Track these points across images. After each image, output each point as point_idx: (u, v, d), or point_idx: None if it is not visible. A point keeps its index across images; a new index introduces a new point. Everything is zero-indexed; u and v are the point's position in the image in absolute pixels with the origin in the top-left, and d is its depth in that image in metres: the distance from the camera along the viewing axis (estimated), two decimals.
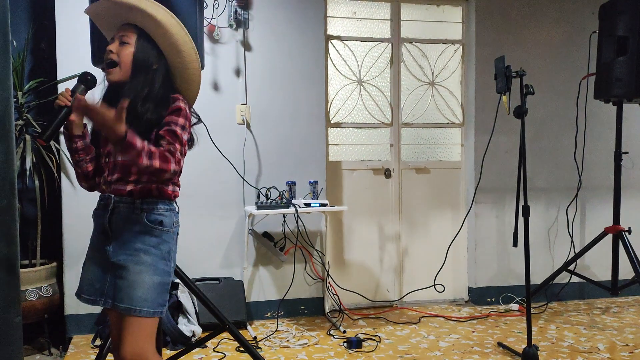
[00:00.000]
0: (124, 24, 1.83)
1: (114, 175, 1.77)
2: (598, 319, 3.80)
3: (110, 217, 1.75)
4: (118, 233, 1.75)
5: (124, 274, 1.70)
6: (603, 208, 4.24)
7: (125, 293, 1.69)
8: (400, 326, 3.64)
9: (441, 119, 4.23)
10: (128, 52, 1.78)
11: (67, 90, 1.77)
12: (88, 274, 1.80)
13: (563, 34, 4.21)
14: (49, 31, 3.47)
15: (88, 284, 1.79)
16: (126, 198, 1.75)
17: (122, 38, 1.79)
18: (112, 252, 1.74)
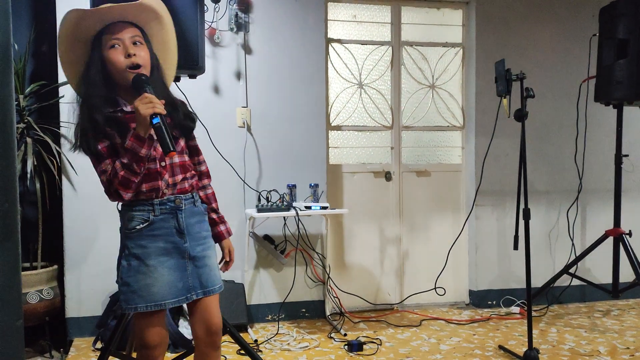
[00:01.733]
0: (118, 24, 1.76)
1: (178, 177, 1.85)
2: (599, 322, 3.80)
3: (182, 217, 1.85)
4: (189, 228, 1.86)
5: (205, 262, 1.88)
6: (604, 211, 4.24)
7: (212, 277, 1.88)
8: (401, 329, 3.64)
9: (442, 121, 4.24)
10: (145, 52, 1.78)
11: (153, 96, 1.68)
12: (163, 279, 1.80)
13: (563, 36, 4.22)
14: (51, 34, 3.48)
15: (167, 288, 1.80)
16: (188, 194, 1.88)
17: (135, 39, 1.77)
18: (190, 247, 1.85)
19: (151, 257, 1.80)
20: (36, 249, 3.32)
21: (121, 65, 1.74)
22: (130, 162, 1.70)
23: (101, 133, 1.73)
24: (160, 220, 1.82)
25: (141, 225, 1.81)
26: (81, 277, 3.49)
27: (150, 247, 1.81)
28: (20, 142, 3.29)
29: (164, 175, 1.81)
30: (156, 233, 1.82)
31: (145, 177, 1.78)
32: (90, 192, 3.48)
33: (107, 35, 1.75)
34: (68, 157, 3.42)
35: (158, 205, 1.81)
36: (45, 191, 3.33)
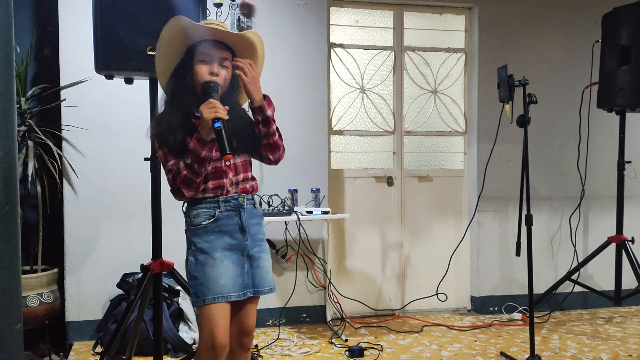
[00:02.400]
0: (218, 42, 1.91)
1: (240, 175, 1.96)
2: (601, 328, 3.78)
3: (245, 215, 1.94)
4: (250, 228, 1.95)
5: (260, 263, 1.96)
6: (606, 217, 4.22)
7: (265, 279, 1.96)
8: (402, 335, 3.62)
9: (444, 127, 4.23)
10: (226, 75, 1.92)
11: (217, 102, 1.81)
12: (228, 273, 1.88)
13: (566, 42, 4.21)
14: (53, 37, 3.48)
15: (231, 282, 1.88)
16: (249, 195, 1.98)
17: (224, 62, 1.92)
18: (250, 246, 1.94)
19: (217, 250, 1.90)
20: (36, 252, 3.32)
21: (203, 78, 1.88)
22: (192, 162, 1.82)
23: (177, 131, 1.86)
24: (225, 217, 1.92)
25: (207, 221, 1.91)
26: (81, 280, 3.48)
27: (216, 242, 1.91)
28: (21, 145, 3.29)
29: (228, 174, 1.93)
30: (222, 229, 1.91)
31: (212, 175, 1.91)
32: (91, 196, 3.48)
33: (201, 48, 1.90)
34: (69, 160, 3.41)
35: (223, 203, 1.92)
36: (46, 194, 3.32)
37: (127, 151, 3.48)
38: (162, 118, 1.91)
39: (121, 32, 2.33)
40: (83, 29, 3.32)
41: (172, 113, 1.90)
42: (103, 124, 3.49)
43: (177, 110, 1.90)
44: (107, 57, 2.34)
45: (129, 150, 3.47)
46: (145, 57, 2.34)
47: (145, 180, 2.57)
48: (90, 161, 3.48)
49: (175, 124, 1.87)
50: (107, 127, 3.50)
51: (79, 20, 3.37)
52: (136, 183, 3.46)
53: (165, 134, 1.87)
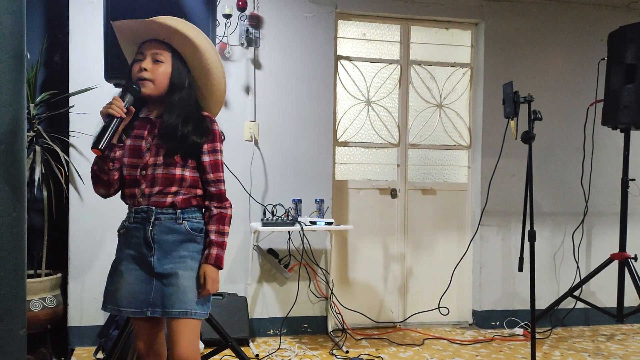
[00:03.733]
0: (153, 41, 1.86)
1: (154, 188, 1.83)
2: (603, 346, 3.77)
3: (151, 229, 1.82)
4: (161, 243, 1.82)
5: (173, 281, 1.79)
6: (609, 234, 4.22)
7: (177, 298, 1.77)
8: (403, 348, 3.62)
9: (448, 141, 4.25)
10: (162, 70, 1.84)
11: (118, 100, 1.78)
12: (127, 287, 1.82)
13: (571, 60, 4.23)
14: (63, 44, 3.52)
15: (129, 297, 1.81)
16: (167, 209, 1.83)
17: (156, 56, 1.84)
18: (157, 263, 1.81)
19: (122, 262, 1.86)
20: (41, 257, 3.33)
21: (134, 76, 1.85)
22: (97, 158, 1.83)
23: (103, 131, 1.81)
24: (133, 228, 1.85)
25: (121, 230, 1.90)
26: (84, 286, 3.49)
27: (124, 253, 1.87)
28: (29, 150, 3.31)
29: (141, 184, 1.84)
30: (129, 240, 1.86)
31: (128, 183, 1.87)
32: (97, 202, 3.49)
33: (139, 49, 1.88)
34: (76, 166, 3.44)
35: (133, 213, 1.86)
36: (52, 199, 3.34)
37: None
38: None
39: None
40: (93, 37, 3.37)
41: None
42: None
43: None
44: (117, 66, 2.37)
45: None
46: None
47: None
48: None
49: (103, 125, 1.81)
50: None
51: (90, 27, 3.41)
52: None
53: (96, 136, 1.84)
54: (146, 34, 1.86)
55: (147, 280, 1.81)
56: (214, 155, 1.89)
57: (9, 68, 1.84)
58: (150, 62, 1.84)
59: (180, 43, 1.85)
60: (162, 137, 1.82)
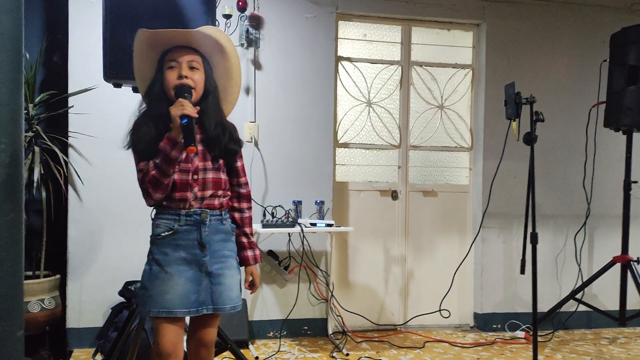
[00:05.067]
0: (183, 48, 1.90)
1: (207, 192, 1.91)
2: (605, 349, 3.74)
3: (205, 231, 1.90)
4: (211, 244, 1.90)
5: (221, 280, 1.90)
6: (611, 237, 4.20)
7: (227, 296, 1.90)
8: (404, 350, 3.59)
9: (449, 142, 4.23)
10: (199, 77, 1.90)
11: (186, 101, 1.81)
12: (178, 288, 1.85)
13: (574, 61, 4.22)
14: (62, 44, 3.51)
15: (182, 297, 1.85)
16: (216, 211, 1.93)
17: (191, 64, 1.89)
18: (208, 263, 1.89)
19: (171, 265, 1.87)
20: (39, 258, 3.32)
21: (172, 83, 1.88)
22: (161, 162, 1.81)
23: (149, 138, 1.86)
24: (184, 230, 1.89)
25: (166, 233, 1.89)
26: (83, 287, 3.47)
27: (171, 256, 1.88)
28: (27, 151, 3.30)
29: (193, 188, 1.90)
30: (179, 243, 1.89)
31: (177, 187, 1.89)
32: (96, 203, 3.48)
33: (168, 56, 1.91)
34: (75, 167, 3.42)
35: (184, 216, 1.89)
36: (51, 200, 3.32)
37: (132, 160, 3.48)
38: (137, 125, 1.92)
39: (130, 41, 2.33)
40: (92, 37, 3.35)
41: (145, 120, 1.90)
42: (109, 132, 3.49)
43: (150, 118, 1.90)
44: (116, 65, 2.34)
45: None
46: None
47: None
48: (96, 168, 3.49)
49: (147, 130, 1.87)
50: (112, 135, 3.50)
51: (89, 28, 3.40)
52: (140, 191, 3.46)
53: (138, 140, 1.88)
54: (175, 41, 1.91)
55: (198, 279, 1.88)
56: (242, 160, 2.05)
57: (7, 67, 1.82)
58: (187, 70, 1.89)
59: (211, 49, 1.93)
60: (207, 144, 1.91)
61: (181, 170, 1.89)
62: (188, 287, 1.86)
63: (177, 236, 1.89)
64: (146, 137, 1.86)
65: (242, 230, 2.03)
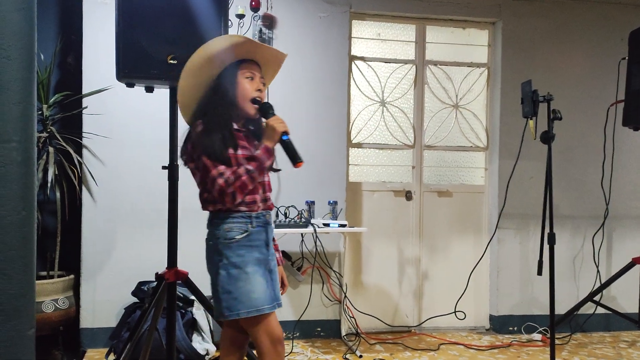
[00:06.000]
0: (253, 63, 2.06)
1: (267, 194, 2.07)
2: (624, 352, 3.67)
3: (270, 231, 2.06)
4: (269, 243, 2.05)
5: (275, 277, 2.05)
6: (631, 238, 4.12)
7: (279, 290, 2.07)
8: (418, 353, 3.55)
9: (465, 142, 4.18)
10: (264, 92, 2.08)
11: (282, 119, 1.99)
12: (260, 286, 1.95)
13: (591, 59, 4.15)
14: (76, 46, 3.52)
15: (265, 294, 1.95)
16: (271, 212, 2.09)
17: (262, 80, 2.07)
18: (270, 261, 2.04)
19: (249, 266, 1.95)
20: (53, 258, 3.33)
21: (249, 94, 2.02)
22: (254, 169, 1.92)
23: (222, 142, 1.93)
24: (256, 232, 1.99)
25: (240, 235, 1.96)
26: (97, 288, 3.48)
27: (247, 256, 1.96)
28: (42, 151, 3.31)
29: (259, 190, 2.01)
30: (252, 244, 1.98)
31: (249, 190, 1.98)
32: (110, 204, 3.49)
33: (245, 65, 2.04)
34: (89, 167, 3.43)
35: (255, 218, 1.99)
36: (65, 200, 3.34)
37: (146, 160, 3.49)
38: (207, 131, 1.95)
39: (143, 40, 2.34)
40: (106, 38, 3.34)
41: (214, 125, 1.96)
42: (123, 133, 3.51)
43: (217, 122, 1.96)
44: (129, 65, 2.34)
45: (148, 159, 3.48)
46: (167, 65, 2.35)
47: (163, 189, 2.57)
48: (110, 169, 3.49)
49: (219, 135, 1.93)
50: (127, 135, 3.52)
51: (103, 29, 3.40)
52: (154, 192, 3.47)
53: (211, 145, 1.92)
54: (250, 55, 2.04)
55: (266, 277, 1.99)
56: None
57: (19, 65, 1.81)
58: (260, 84, 2.05)
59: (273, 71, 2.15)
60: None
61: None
62: (265, 284, 1.97)
63: (251, 237, 1.97)
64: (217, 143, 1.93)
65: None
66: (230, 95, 2.00)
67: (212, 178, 1.90)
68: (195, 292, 2.65)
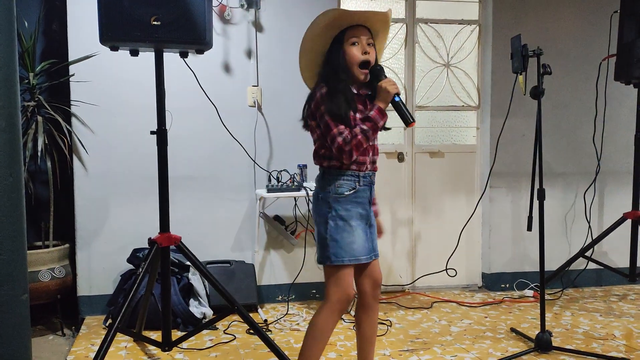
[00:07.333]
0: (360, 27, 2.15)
1: (375, 156, 2.22)
2: (615, 306, 3.73)
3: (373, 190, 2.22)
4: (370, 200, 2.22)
5: (374, 231, 2.26)
6: (622, 193, 4.15)
7: (377, 244, 2.26)
8: (411, 311, 3.61)
9: (456, 101, 4.15)
10: (374, 53, 2.17)
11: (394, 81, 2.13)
12: (360, 239, 2.15)
13: (583, 13, 4.10)
14: (60, 12, 3.46)
15: (362, 247, 2.15)
16: (376, 173, 2.24)
17: (369, 41, 2.16)
18: (372, 217, 2.23)
19: (353, 219, 2.15)
20: (48, 228, 3.33)
21: (357, 59, 2.13)
22: (369, 129, 2.07)
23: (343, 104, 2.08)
24: (362, 190, 2.17)
25: (348, 191, 2.15)
26: (92, 256, 3.50)
27: (352, 211, 2.16)
28: (31, 121, 3.29)
29: (369, 153, 2.18)
30: (358, 200, 2.17)
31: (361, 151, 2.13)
32: (101, 172, 3.48)
33: (350, 33, 2.14)
34: (79, 136, 3.41)
35: (362, 177, 2.17)
36: (57, 170, 3.32)
37: (135, 126, 3.47)
38: (330, 94, 2.11)
39: (125, 1, 2.30)
40: (90, 3, 3.29)
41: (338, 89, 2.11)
42: (112, 100, 3.47)
43: (341, 87, 2.12)
44: (112, 27, 2.31)
45: (137, 125, 3.46)
46: (150, 27, 2.32)
47: (154, 155, 2.56)
48: (100, 137, 3.47)
49: (342, 98, 2.09)
50: (115, 102, 3.48)
51: None
52: (145, 158, 3.46)
53: (335, 106, 2.08)
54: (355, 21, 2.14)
55: (366, 231, 2.19)
56: None
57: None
58: (367, 47, 2.14)
59: (379, 28, 2.20)
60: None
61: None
62: (364, 237, 2.17)
63: (357, 194, 2.16)
64: (340, 105, 2.08)
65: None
66: (342, 64, 2.14)
67: (332, 136, 2.07)
68: (190, 258, 2.67)
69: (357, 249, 2.15)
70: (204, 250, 3.60)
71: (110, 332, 2.38)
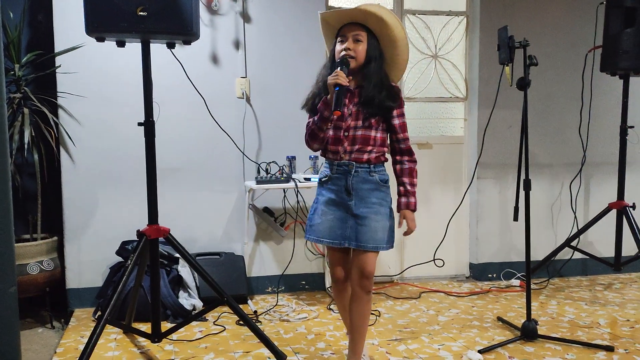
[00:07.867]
0: (352, 24, 2.25)
1: (355, 147, 2.27)
2: (600, 294, 3.79)
3: (351, 179, 2.26)
4: (358, 191, 2.28)
5: (366, 222, 2.26)
6: (607, 183, 4.20)
7: (370, 237, 2.25)
8: (400, 301, 3.64)
9: (444, 93, 4.17)
10: (362, 47, 2.25)
11: (341, 72, 2.17)
12: (327, 223, 2.30)
13: (569, 4, 4.12)
14: (46, 2, 3.42)
15: (329, 231, 2.30)
16: (364, 164, 2.27)
17: (356, 37, 2.25)
18: (354, 206, 2.27)
19: (324, 204, 2.32)
20: (36, 220, 3.32)
21: (338, 55, 2.26)
22: (317, 119, 2.25)
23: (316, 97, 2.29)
24: (335, 178, 2.31)
25: (324, 178, 2.35)
26: (81, 248, 3.49)
27: (325, 196, 2.33)
28: (17, 113, 3.26)
29: (343, 143, 2.27)
30: (331, 187, 2.32)
31: (332, 141, 2.30)
32: (89, 164, 3.47)
33: (341, 31, 2.29)
34: (65, 127, 3.39)
35: (336, 166, 2.31)
36: (44, 162, 3.30)
37: (123, 118, 3.46)
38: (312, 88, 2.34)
39: None
40: None
41: (317, 85, 2.32)
42: (99, 91, 3.45)
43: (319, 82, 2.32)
44: (97, 18, 2.29)
45: (125, 116, 3.44)
46: (137, 18, 2.30)
47: (142, 146, 2.55)
48: (87, 128, 3.46)
49: (315, 93, 2.31)
50: (102, 93, 3.47)
51: None
52: (133, 150, 3.45)
53: (308, 101, 2.34)
54: (345, 18, 2.25)
55: (344, 219, 2.28)
56: (402, 118, 2.34)
57: None
58: (352, 42, 2.24)
59: (374, 23, 2.23)
60: (363, 104, 2.24)
61: (335, 127, 2.28)
62: (335, 223, 2.29)
63: (331, 182, 2.31)
64: (313, 99, 2.31)
65: (400, 180, 2.35)
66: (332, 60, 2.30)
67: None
68: (179, 250, 2.67)
69: (321, 230, 2.31)
70: (193, 242, 3.60)
71: (99, 324, 2.38)
